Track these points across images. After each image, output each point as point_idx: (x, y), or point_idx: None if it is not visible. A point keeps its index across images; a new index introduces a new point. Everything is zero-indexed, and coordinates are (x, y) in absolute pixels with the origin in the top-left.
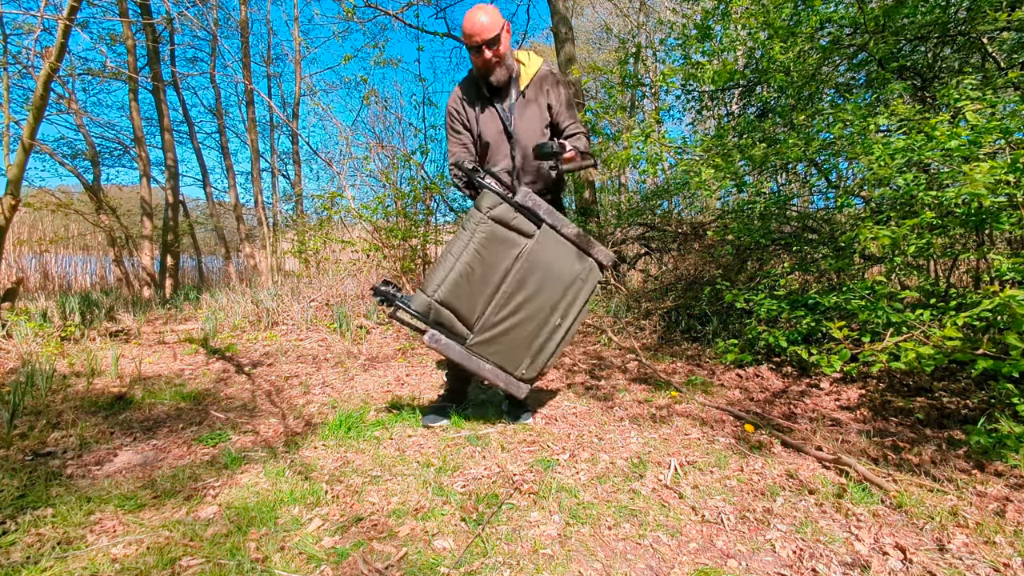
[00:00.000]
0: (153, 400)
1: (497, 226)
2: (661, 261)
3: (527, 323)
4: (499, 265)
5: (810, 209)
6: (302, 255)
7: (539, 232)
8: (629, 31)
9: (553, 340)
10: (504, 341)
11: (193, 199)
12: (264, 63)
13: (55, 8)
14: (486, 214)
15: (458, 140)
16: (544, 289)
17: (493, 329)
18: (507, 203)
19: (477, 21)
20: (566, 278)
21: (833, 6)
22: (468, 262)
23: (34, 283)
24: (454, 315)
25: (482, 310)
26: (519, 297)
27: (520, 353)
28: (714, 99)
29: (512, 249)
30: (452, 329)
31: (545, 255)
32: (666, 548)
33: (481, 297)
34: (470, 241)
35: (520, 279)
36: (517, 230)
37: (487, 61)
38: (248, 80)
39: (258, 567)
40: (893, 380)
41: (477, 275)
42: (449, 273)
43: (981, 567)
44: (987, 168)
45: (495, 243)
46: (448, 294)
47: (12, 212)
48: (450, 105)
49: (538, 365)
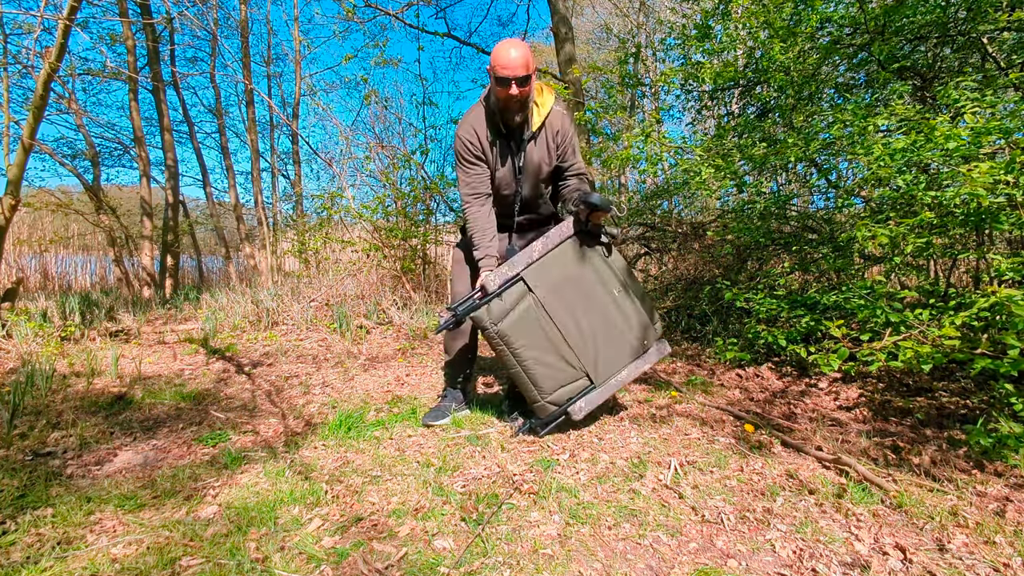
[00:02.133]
0: (153, 400)
1: (507, 321)
2: (661, 261)
3: (600, 322)
4: (541, 329)
5: (810, 209)
6: (302, 255)
7: (526, 277)
8: (629, 31)
9: (629, 302)
10: (608, 349)
11: (193, 199)
12: (264, 63)
13: (55, 8)
14: (494, 329)
15: (473, 171)
16: (579, 293)
17: (596, 355)
18: (490, 302)
19: (515, 55)
20: (580, 271)
21: (833, 6)
22: (529, 357)
23: (34, 283)
24: (568, 389)
25: (575, 358)
26: (575, 319)
27: (625, 338)
28: (714, 99)
29: (534, 311)
30: (576, 394)
31: (551, 278)
32: (666, 548)
33: (565, 354)
34: (509, 348)
35: (559, 310)
36: (515, 302)
37: (512, 97)
38: (248, 80)
39: (258, 567)
40: (892, 380)
41: (545, 354)
42: (533, 378)
43: (981, 567)
44: (986, 168)
45: (522, 327)
46: (550, 389)
47: (12, 212)
48: (462, 135)
49: (648, 320)
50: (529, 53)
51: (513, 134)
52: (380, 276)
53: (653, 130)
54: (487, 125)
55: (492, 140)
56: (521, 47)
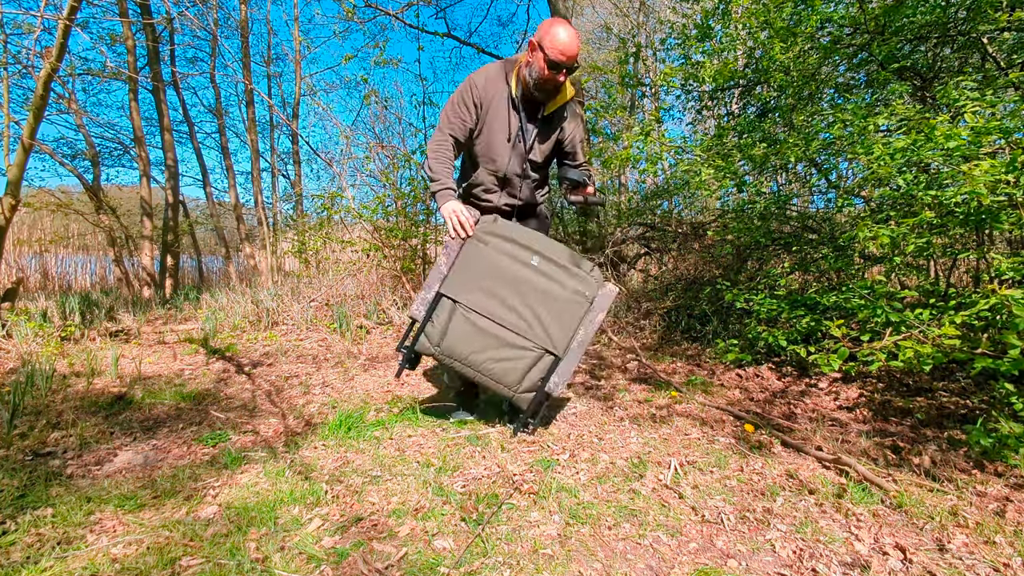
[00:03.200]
0: (153, 400)
1: (448, 339)
2: (661, 261)
3: (535, 296)
4: (480, 331)
5: (810, 209)
6: (302, 255)
7: (445, 292)
8: (629, 31)
9: (551, 265)
10: (554, 317)
11: (193, 199)
12: (264, 63)
13: (55, 8)
14: (438, 351)
15: (460, 113)
16: (501, 280)
17: (546, 328)
18: (424, 330)
19: (573, 44)
20: (491, 262)
21: (833, 6)
22: (484, 360)
23: (34, 283)
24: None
25: (526, 341)
26: (509, 306)
27: (565, 299)
28: (714, 99)
29: (466, 319)
30: (546, 372)
31: (468, 282)
32: (666, 548)
33: (515, 342)
34: (461, 361)
35: (489, 306)
36: (447, 319)
37: (557, 81)
38: (248, 80)
39: (258, 567)
40: (893, 380)
41: (496, 351)
42: (496, 376)
43: (981, 567)
44: (986, 167)
45: (463, 337)
46: (518, 380)
47: (12, 212)
48: (475, 79)
49: (580, 272)
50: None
51: (529, 108)
52: (380, 276)
53: (653, 129)
54: (502, 87)
55: (503, 105)
56: (576, 35)
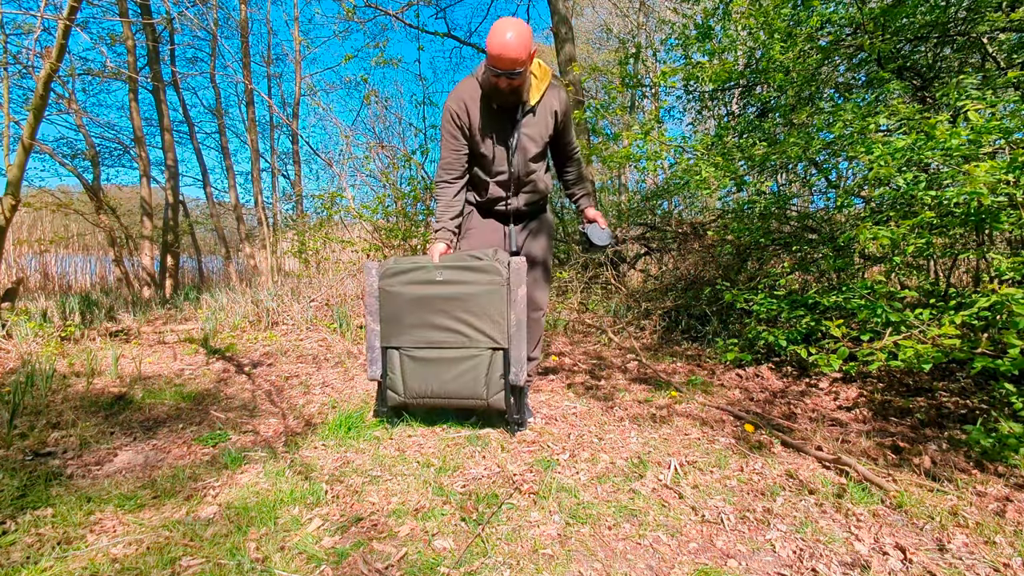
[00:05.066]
0: (153, 400)
1: (407, 385)
2: (661, 261)
3: (458, 307)
4: (429, 363)
5: (810, 209)
6: (302, 255)
7: (385, 345)
8: (629, 31)
9: (452, 271)
10: (484, 314)
11: (193, 199)
12: (264, 63)
13: (55, 8)
14: (408, 397)
15: (452, 146)
16: (424, 310)
17: (484, 328)
18: (385, 389)
19: (508, 45)
20: (408, 298)
21: (833, 6)
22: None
23: (34, 283)
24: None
25: (473, 349)
26: (442, 328)
27: (483, 292)
28: (714, 99)
29: (413, 362)
30: (504, 367)
31: (398, 325)
32: (666, 548)
33: (463, 354)
34: (432, 397)
35: (427, 335)
36: (399, 369)
37: (501, 90)
38: (248, 80)
39: (258, 567)
40: (893, 380)
41: (450, 371)
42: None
43: (981, 567)
44: (987, 167)
45: (419, 376)
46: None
47: (12, 212)
48: (452, 106)
49: (480, 263)
50: (525, 35)
51: (507, 110)
52: None
53: (652, 128)
54: (480, 100)
55: (484, 116)
56: (514, 30)
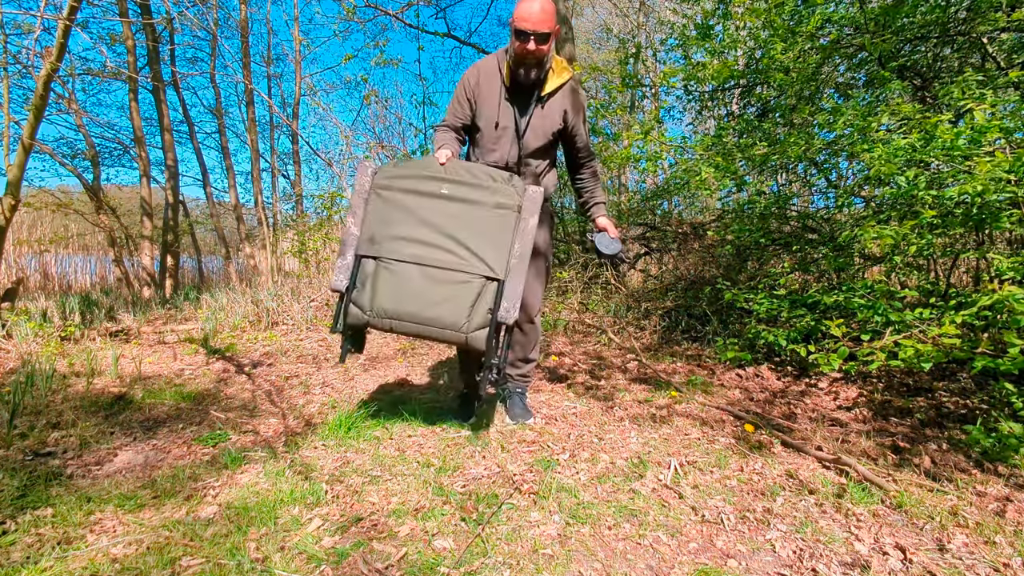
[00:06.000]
0: (153, 400)
1: (378, 300)
2: (661, 261)
3: (456, 224)
4: (410, 280)
5: (810, 209)
6: (302, 255)
7: (360, 253)
8: (629, 31)
9: (463, 187)
10: (484, 239)
11: (193, 199)
12: (264, 63)
13: (55, 8)
14: (372, 315)
15: (457, 108)
16: (417, 222)
17: (478, 253)
18: (351, 298)
19: (536, 8)
20: (400, 207)
21: (833, 6)
22: (424, 309)
23: (34, 283)
24: (483, 302)
25: (461, 274)
26: (433, 245)
27: (490, 215)
28: (714, 99)
29: (391, 273)
30: (493, 300)
31: (381, 234)
32: (666, 548)
33: (451, 278)
34: (402, 320)
35: (413, 250)
36: (372, 279)
37: (530, 52)
38: (248, 80)
39: (258, 567)
40: (893, 380)
41: (432, 293)
42: (444, 321)
43: (981, 567)
44: (989, 166)
45: (393, 293)
46: (464, 317)
47: (12, 212)
48: (469, 73)
49: (495, 183)
50: (552, 9)
51: (519, 91)
52: None
53: (652, 128)
54: (496, 79)
55: (497, 94)
56: (545, 2)
